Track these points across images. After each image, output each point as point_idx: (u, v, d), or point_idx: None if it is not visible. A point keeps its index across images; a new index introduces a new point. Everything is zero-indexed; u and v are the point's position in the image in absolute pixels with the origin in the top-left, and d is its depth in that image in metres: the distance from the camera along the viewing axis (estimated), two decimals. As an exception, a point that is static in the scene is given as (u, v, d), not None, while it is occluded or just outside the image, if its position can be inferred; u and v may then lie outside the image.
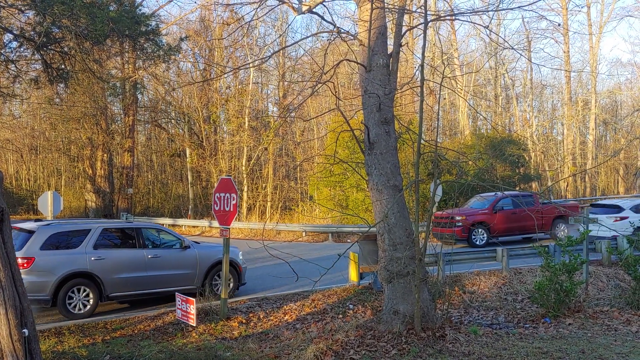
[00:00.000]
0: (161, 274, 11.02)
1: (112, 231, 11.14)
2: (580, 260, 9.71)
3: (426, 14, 8.17)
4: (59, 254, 10.14)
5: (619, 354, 7.23)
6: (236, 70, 30.49)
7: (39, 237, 10.11)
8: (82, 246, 10.38)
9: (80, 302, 10.22)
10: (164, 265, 11.08)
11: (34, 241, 10.04)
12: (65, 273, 10.01)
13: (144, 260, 10.92)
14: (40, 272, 9.84)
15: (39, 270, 9.83)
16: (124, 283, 10.60)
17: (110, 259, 10.53)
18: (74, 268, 10.12)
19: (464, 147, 29.11)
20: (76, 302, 10.18)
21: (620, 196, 34.85)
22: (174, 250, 11.38)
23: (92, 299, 10.29)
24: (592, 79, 39.48)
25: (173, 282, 11.09)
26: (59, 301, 9.98)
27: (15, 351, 5.17)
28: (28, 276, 9.51)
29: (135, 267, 10.76)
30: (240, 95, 34.30)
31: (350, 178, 25.60)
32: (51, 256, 10.04)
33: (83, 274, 10.22)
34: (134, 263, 10.78)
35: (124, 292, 10.67)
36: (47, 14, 11.88)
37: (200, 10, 34.12)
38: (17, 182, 44.36)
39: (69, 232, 10.48)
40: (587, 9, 39.20)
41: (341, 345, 7.52)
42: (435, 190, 8.27)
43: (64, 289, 10.02)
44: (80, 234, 10.51)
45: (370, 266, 11.57)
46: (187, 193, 35.84)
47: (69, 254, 10.21)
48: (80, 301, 10.22)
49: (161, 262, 11.08)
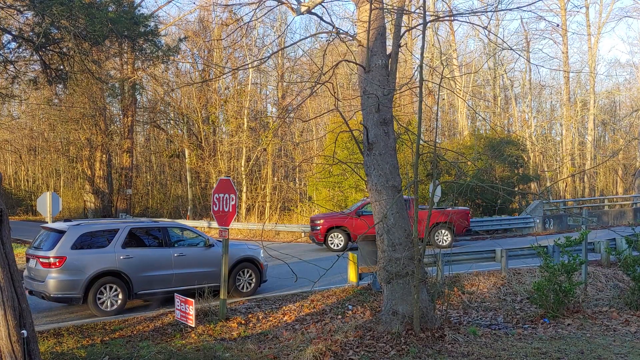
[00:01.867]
0: (187, 272, 11.14)
1: (140, 230, 11.31)
2: (579, 260, 9.71)
3: (425, 15, 8.18)
4: (89, 253, 10.33)
5: (617, 355, 7.24)
6: (235, 71, 30.51)
7: (69, 237, 10.26)
8: (111, 245, 10.55)
9: (109, 299, 10.38)
10: (189, 264, 11.25)
11: (65, 241, 10.20)
12: (95, 272, 10.20)
13: (171, 258, 11.08)
14: (72, 270, 10.05)
15: (71, 269, 10.04)
16: (151, 281, 10.78)
17: (138, 258, 10.70)
18: (103, 267, 10.30)
19: (462, 147, 29.12)
20: (106, 300, 10.33)
21: (621, 196, 34.91)
22: (198, 249, 11.55)
23: (121, 297, 10.44)
24: (590, 79, 39.54)
25: (198, 279, 11.19)
26: (90, 299, 10.16)
27: (14, 352, 5.16)
28: (60, 275, 9.98)
29: (162, 266, 10.95)
30: (239, 96, 34.30)
31: (349, 179, 25.60)
32: (82, 255, 10.22)
33: (112, 272, 10.39)
34: (161, 261, 10.97)
35: (151, 290, 10.81)
36: (45, 15, 11.88)
37: (199, 11, 34.16)
38: (16, 183, 44.33)
39: (98, 232, 10.67)
40: (586, 9, 39.32)
41: (340, 346, 7.52)
42: (434, 191, 8.29)
43: (95, 287, 10.21)
44: (109, 233, 10.69)
45: (369, 267, 11.58)
46: (186, 194, 35.83)
47: (98, 253, 10.40)
48: (109, 299, 10.38)
49: (187, 261, 11.23)
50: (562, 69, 36.45)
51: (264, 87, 40.80)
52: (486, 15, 12.41)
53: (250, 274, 12.00)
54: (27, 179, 44.80)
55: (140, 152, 42.15)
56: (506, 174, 29.47)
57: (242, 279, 11.92)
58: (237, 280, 11.85)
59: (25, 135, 41.32)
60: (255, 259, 12.08)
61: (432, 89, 30.03)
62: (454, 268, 12.10)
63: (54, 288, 9.97)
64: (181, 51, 29.29)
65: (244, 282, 11.96)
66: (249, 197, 32.81)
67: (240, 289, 11.81)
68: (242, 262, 11.85)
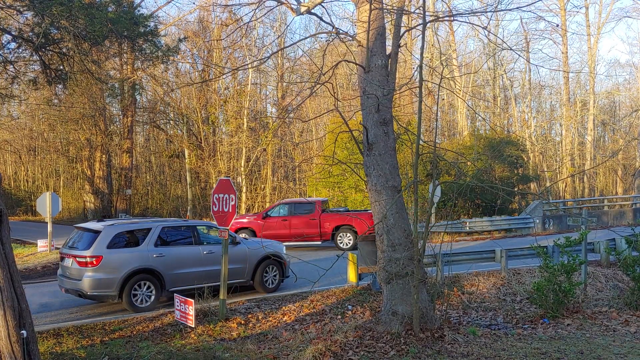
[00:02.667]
0: (215, 269, 11.27)
1: (170, 229, 11.57)
2: (578, 260, 9.72)
3: (425, 15, 8.18)
4: (124, 252, 10.65)
5: (617, 355, 7.24)
6: (235, 71, 30.50)
7: (105, 237, 10.58)
8: (145, 244, 10.90)
9: (143, 296, 10.72)
10: (217, 261, 11.32)
11: (100, 240, 10.52)
12: (130, 270, 10.53)
13: (200, 256, 11.42)
14: (108, 269, 10.37)
15: (107, 267, 10.37)
16: (182, 278, 11.09)
17: (169, 256, 11.05)
18: (138, 265, 10.64)
19: (462, 147, 29.12)
20: (140, 297, 10.67)
21: (621, 196, 34.91)
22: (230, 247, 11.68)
23: (154, 293, 10.80)
24: (590, 79, 39.54)
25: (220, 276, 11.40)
26: (125, 296, 10.48)
27: (13, 352, 5.16)
28: (96, 273, 10.34)
29: (192, 263, 11.27)
30: (239, 96, 34.29)
31: (349, 179, 25.59)
32: (117, 254, 10.55)
33: (146, 270, 10.74)
34: (191, 259, 11.30)
35: (182, 286, 11.06)
36: (45, 15, 11.88)
37: (198, 11, 34.13)
38: (16, 183, 44.32)
39: (132, 231, 11.00)
40: (586, 9, 39.34)
41: (340, 346, 7.52)
42: (433, 191, 8.29)
43: (129, 284, 10.53)
44: (142, 232, 11.03)
45: (369, 267, 11.58)
46: (186, 194, 35.82)
47: (133, 251, 10.74)
48: (143, 295, 10.72)
49: (215, 258, 11.42)
50: (561, 69, 36.48)
51: (264, 87, 40.81)
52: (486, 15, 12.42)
53: (275, 270, 12.48)
54: (26, 179, 44.80)
55: (140, 153, 42.13)
56: (506, 174, 29.46)
57: (269, 275, 12.40)
58: (264, 277, 12.30)
59: (25, 135, 41.30)
60: (279, 256, 12.51)
61: (431, 89, 30.02)
62: (453, 268, 12.09)
63: (90, 286, 10.30)
64: (181, 51, 29.28)
65: (270, 277, 12.41)
66: (249, 197, 32.80)
67: (266, 285, 12.27)
68: (268, 259, 12.25)
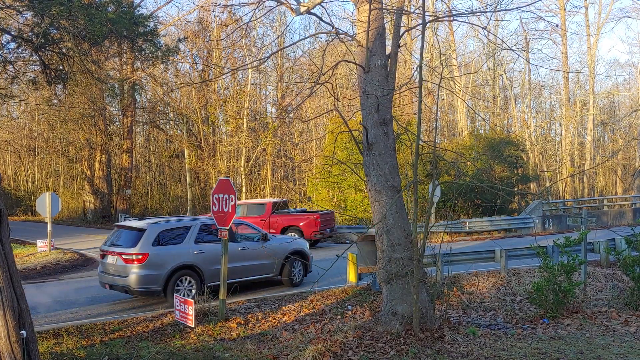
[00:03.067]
0: (248, 264, 12.03)
1: (208, 227, 11.90)
2: (578, 260, 9.72)
3: (424, 15, 8.18)
4: (167, 249, 11.07)
5: (617, 355, 7.24)
6: (234, 71, 30.50)
7: (150, 235, 10.98)
8: (186, 241, 11.36)
9: (185, 291, 11.10)
10: (250, 257, 12.14)
11: (146, 238, 10.92)
12: (174, 266, 10.97)
13: (235, 252, 11.82)
14: (153, 266, 10.78)
15: (152, 264, 10.77)
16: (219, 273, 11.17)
17: (208, 252, 11.46)
18: (180, 261, 11.07)
19: (462, 148, 29.12)
20: (182, 291, 11.04)
21: (621, 196, 34.91)
22: (257, 243, 12.40)
23: (194, 288, 11.19)
24: (590, 79, 39.55)
25: (256, 271, 12.23)
26: (168, 291, 10.84)
27: (13, 352, 5.16)
28: (142, 270, 10.73)
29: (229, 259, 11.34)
30: (239, 96, 34.30)
31: (348, 179, 25.59)
32: (161, 251, 10.95)
33: (188, 266, 11.19)
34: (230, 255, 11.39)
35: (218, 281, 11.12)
36: (45, 15, 11.88)
37: (198, 11, 34.12)
38: (15, 183, 44.32)
39: (174, 229, 11.43)
40: (585, 9, 39.32)
41: (340, 346, 7.52)
42: (433, 191, 8.29)
43: (173, 280, 10.95)
44: (182, 230, 11.46)
45: (368, 267, 11.58)
46: (186, 194, 35.83)
47: (175, 248, 11.18)
48: (185, 290, 11.10)
49: (248, 254, 12.12)
50: (561, 69, 36.48)
51: (264, 88, 40.82)
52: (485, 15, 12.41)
53: (299, 265, 12.98)
54: (26, 180, 44.80)
55: (140, 153, 42.13)
56: (506, 174, 29.47)
57: (295, 270, 12.90)
58: (292, 271, 12.79)
59: (25, 135, 41.30)
60: (303, 251, 13.16)
61: (431, 89, 30.03)
62: (453, 268, 12.09)
63: (137, 282, 10.68)
64: (180, 51, 29.28)
65: (296, 272, 12.89)
66: (249, 198, 32.79)
67: (293, 279, 12.77)
68: (294, 254, 12.78)
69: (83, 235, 25.83)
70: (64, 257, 17.95)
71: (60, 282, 14.41)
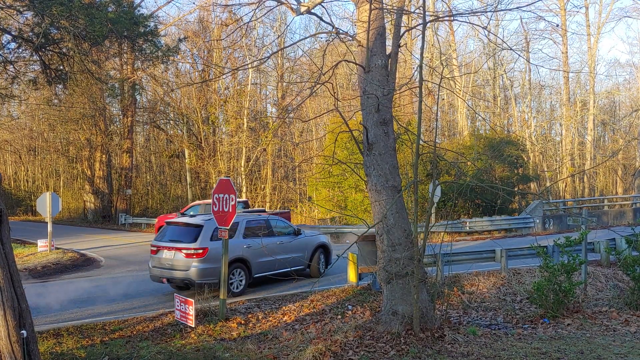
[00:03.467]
0: (284, 257, 12.87)
1: (253, 222, 12.97)
2: (578, 260, 9.71)
3: (425, 15, 8.17)
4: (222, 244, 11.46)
5: (617, 355, 7.23)
6: (235, 71, 30.50)
7: (207, 230, 11.76)
8: (236, 236, 12.17)
9: (237, 282, 11.96)
10: (286, 249, 13.10)
11: (204, 234, 11.71)
12: (229, 259, 11.18)
13: (275, 245, 12.85)
14: (212, 259, 11.45)
15: (211, 258, 11.48)
16: (263, 265, 12.49)
17: (254, 246, 12.32)
18: (234, 255, 11.73)
19: (462, 147, 29.11)
20: (235, 283, 11.90)
21: (621, 196, 34.90)
22: (290, 237, 13.51)
23: (244, 280, 12.10)
24: (590, 79, 39.54)
25: (290, 263, 12.89)
26: None
27: (13, 352, 5.16)
28: (203, 264, 11.52)
29: (270, 252, 12.56)
30: (239, 96, 34.30)
31: (349, 179, 25.59)
32: (218, 246, 11.35)
33: (239, 259, 12.03)
34: (269, 249, 12.59)
35: (262, 273, 12.51)
36: (45, 15, 11.88)
37: (198, 11, 34.14)
38: (16, 183, 44.35)
39: None
40: (586, 9, 39.30)
41: (340, 346, 7.52)
42: (433, 191, 8.28)
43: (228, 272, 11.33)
44: (233, 226, 11.74)
45: (369, 267, 11.57)
46: (186, 194, 35.84)
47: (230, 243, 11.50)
48: (237, 282, 11.97)
49: (285, 247, 13.13)
50: (561, 69, 36.46)
51: (264, 87, 40.82)
52: (486, 15, 12.42)
53: (323, 258, 14.03)
54: (26, 179, 44.82)
55: (140, 153, 42.15)
56: (506, 174, 29.46)
57: (320, 262, 13.86)
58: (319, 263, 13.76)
59: (25, 135, 41.33)
60: (326, 245, 14.20)
61: (431, 89, 30.02)
62: (453, 268, 12.08)
63: (198, 275, 11.43)
64: (181, 51, 29.27)
65: (321, 264, 13.85)
66: (249, 197, 32.79)
67: (320, 270, 13.65)
68: (320, 247, 13.94)
69: (83, 235, 25.85)
70: (65, 257, 17.96)
71: (61, 281, 14.41)
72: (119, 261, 17.82)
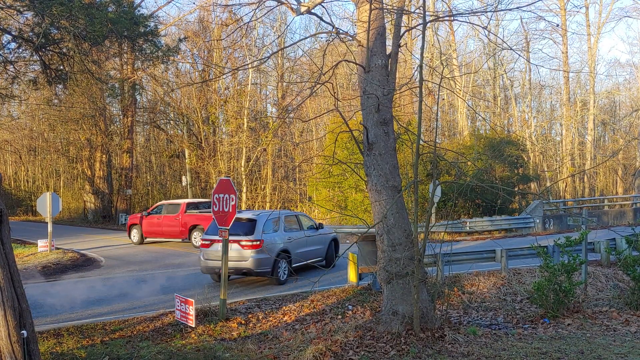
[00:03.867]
0: (310, 249, 14.25)
1: (288, 217, 14.40)
2: (579, 260, 9.71)
3: (425, 15, 8.17)
4: (273, 236, 13.17)
5: (617, 354, 7.23)
6: (235, 71, 30.50)
7: (260, 224, 12.89)
8: (280, 230, 13.51)
9: (282, 271, 13.07)
10: (311, 242, 14.34)
11: (258, 227, 12.81)
12: (279, 249, 13.05)
13: (305, 239, 13.98)
14: (267, 250, 12.60)
15: (266, 249, 12.61)
16: (298, 256, 13.57)
17: (293, 239, 13.68)
18: (282, 246, 13.23)
19: (462, 147, 29.11)
20: (281, 272, 13.01)
21: (621, 196, 34.90)
22: (313, 231, 14.62)
23: (287, 269, 13.17)
24: (590, 79, 39.53)
25: (314, 255, 14.40)
26: (274, 272, 12.85)
27: (14, 352, 5.16)
28: (258, 255, 12.61)
29: (302, 244, 13.95)
30: (239, 96, 34.29)
31: (349, 179, 25.59)
32: (270, 238, 12.99)
33: (284, 250, 13.27)
34: (302, 241, 13.90)
35: (298, 263, 13.56)
36: (45, 15, 11.87)
37: (198, 11, 34.11)
38: (16, 183, 44.35)
39: (273, 219, 13.44)
40: (586, 9, 39.30)
41: (340, 346, 7.52)
42: (434, 191, 8.28)
43: (277, 262, 12.89)
44: (276, 220, 13.51)
45: (369, 267, 11.58)
46: (186, 194, 35.82)
47: (277, 235, 13.32)
48: (282, 271, 13.07)
49: (311, 240, 14.31)
50: (561, 69, 36.45)
51: (264, 87, 40.81)
52: (486, 15, 12.42)
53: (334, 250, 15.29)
54: (27, 180, 44.82)
55: (140, 153, 42.13)
56: (506, 174, 29.46)
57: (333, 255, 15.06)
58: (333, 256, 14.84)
59: (25, 135, 41.33)
60: (337, 240, 15.70)
61: (432, 89, 30.02)
62: (453, 268, 12.09)
63: (256, 265, 12.55)
64: (181, 51, 29.26)
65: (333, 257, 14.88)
66: (249, 198, 32.80)
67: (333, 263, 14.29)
68: (332, 241, 15.31)
69: (83, 235, 25.86)
70: (65, 257, 17.96)
71: (61, 282, 14.41)
72: (119, 261, 17.83)
